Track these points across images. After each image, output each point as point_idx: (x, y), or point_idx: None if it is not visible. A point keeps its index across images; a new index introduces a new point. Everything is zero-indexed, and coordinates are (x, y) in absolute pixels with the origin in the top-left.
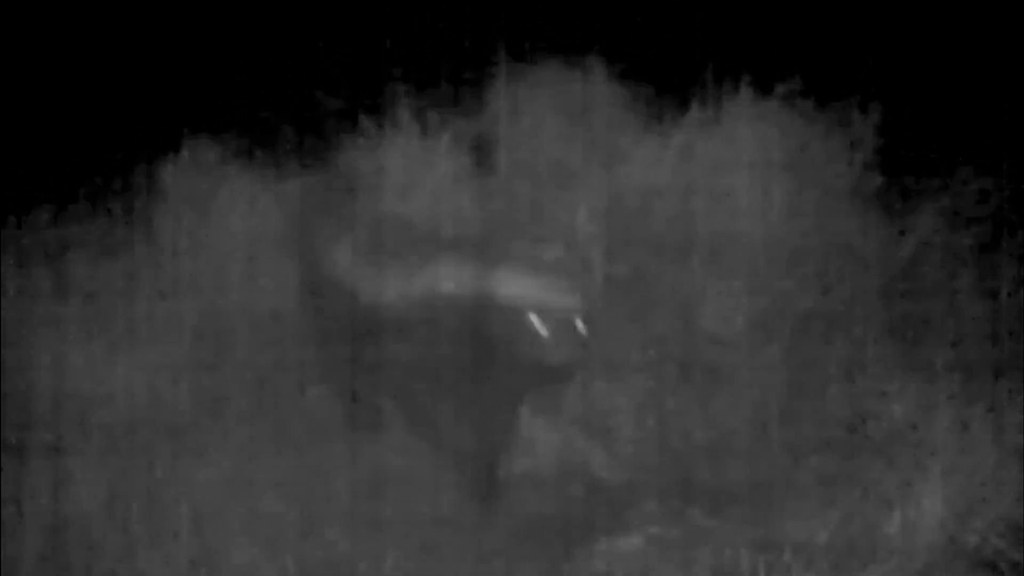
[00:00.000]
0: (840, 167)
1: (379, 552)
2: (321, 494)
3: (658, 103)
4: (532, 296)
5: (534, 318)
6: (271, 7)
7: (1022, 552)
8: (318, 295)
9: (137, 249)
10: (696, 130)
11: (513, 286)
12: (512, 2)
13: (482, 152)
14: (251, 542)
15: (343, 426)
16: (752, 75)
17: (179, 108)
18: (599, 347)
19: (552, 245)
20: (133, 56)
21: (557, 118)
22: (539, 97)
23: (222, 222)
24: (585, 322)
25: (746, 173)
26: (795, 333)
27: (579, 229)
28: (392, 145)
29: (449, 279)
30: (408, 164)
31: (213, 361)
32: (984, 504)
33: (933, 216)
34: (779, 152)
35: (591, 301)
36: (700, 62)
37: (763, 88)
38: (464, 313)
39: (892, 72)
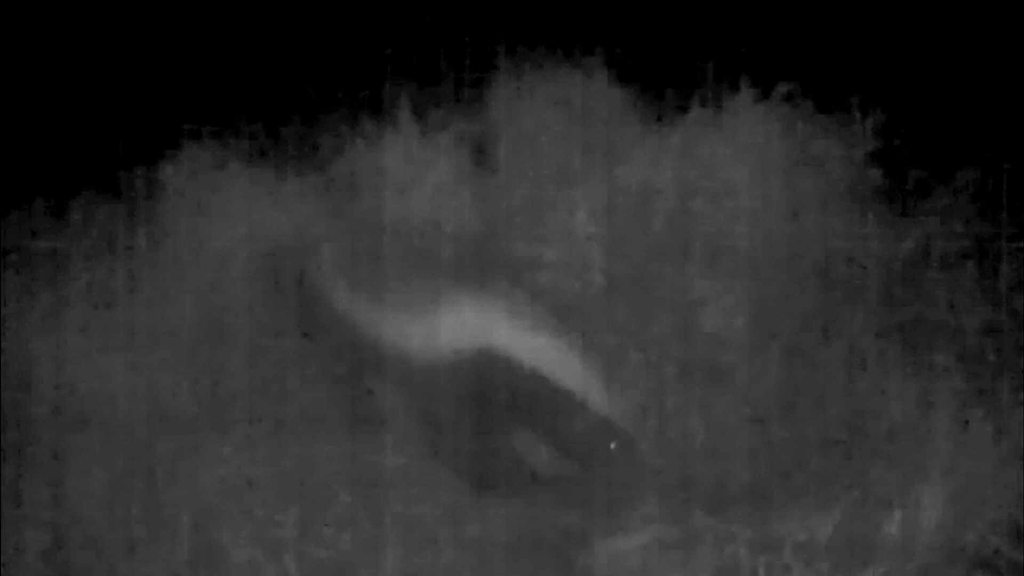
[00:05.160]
0: (840, 167)
1: (379, 552)
2: (321, 494)
3: (658, 103)
4: (534, 356)
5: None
6: (271, 7)
7: (1022, 552)
8: (318, 330)
9: (137, 249)
10: (696, 130)
11: (514, 342)
12: (512, 2)
13: (482, 152)
14: (251, 542)
15: (343, 425)
16: (752, 75)
17: (179, 108)
18: (598, 347)
19: (552, 245)
20: (133, 56)
21: (557, 118)
22: (539, 97)
23: (222, 222)
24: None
25: (746, 173)
26: (795, 333)
27: (579, 229)
28: (392, 145)
29: (450, 330)
30: (408, 164)
31: (213, 361)
32: (984, 504)
33: (933, 216)
34: (779, 152)
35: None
36: (700, 62)
37: (763, 88)
38: (464, 365)
39: (893, 72)
